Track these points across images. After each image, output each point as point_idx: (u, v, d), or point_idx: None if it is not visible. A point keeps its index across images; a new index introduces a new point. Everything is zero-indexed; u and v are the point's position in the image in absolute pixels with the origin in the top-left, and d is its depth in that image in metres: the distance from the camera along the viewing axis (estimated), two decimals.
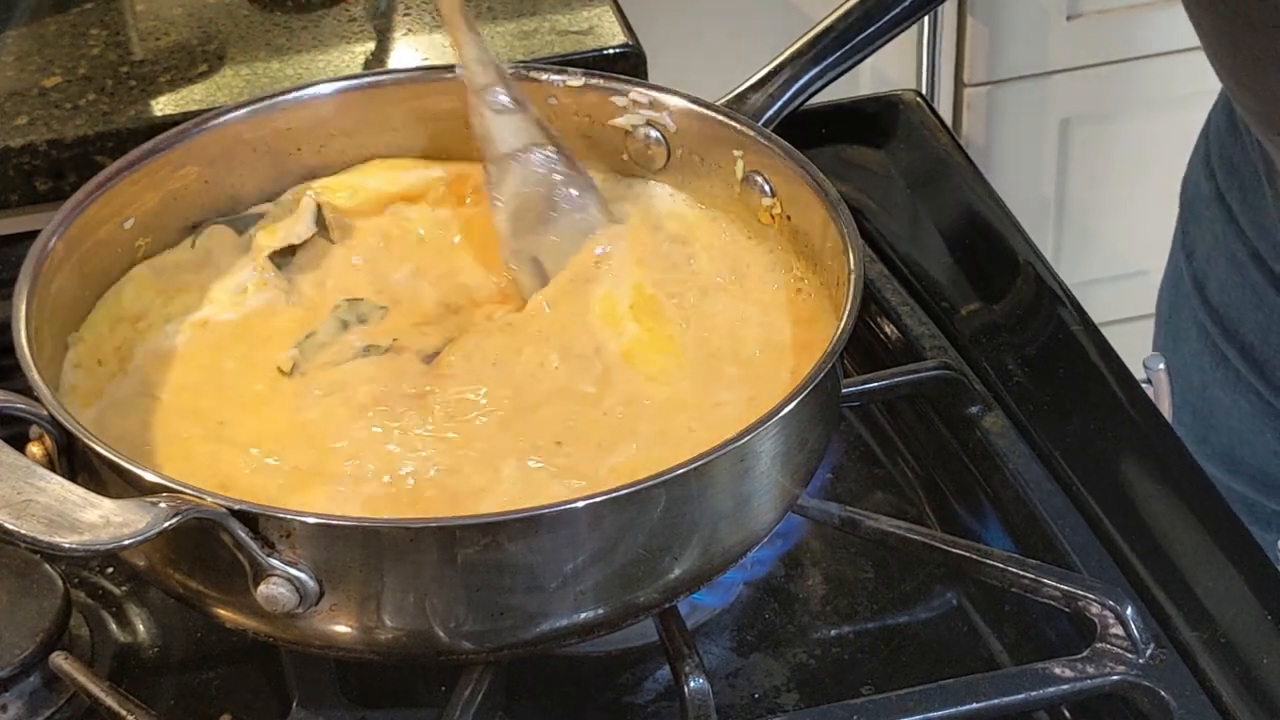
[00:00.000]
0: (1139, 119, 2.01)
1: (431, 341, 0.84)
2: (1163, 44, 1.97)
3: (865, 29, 0.93)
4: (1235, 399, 1.08)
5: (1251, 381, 1.06)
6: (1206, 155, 1.09)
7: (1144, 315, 1.98)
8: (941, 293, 0.97)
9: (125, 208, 0.85)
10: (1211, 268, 1.08)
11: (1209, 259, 1.08)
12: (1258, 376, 1.06)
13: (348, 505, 0.75)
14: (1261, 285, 1.04)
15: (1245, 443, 1.09)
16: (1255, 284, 1.04)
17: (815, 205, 0.83)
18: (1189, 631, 0.79)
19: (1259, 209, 1.03)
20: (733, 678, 0.82)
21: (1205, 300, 1.09)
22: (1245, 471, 1.09)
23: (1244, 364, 1.06)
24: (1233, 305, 1.06)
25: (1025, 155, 2.02)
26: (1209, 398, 1.09)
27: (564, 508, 0.70)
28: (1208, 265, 1.08)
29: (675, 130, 0.90)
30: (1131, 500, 0.85)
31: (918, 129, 1.09)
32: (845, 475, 0.92)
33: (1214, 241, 1.07)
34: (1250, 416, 1.08)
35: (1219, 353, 1.08)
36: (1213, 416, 1.10)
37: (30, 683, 0.78)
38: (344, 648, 0.72)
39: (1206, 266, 1.09)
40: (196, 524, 0.68)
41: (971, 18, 1.92)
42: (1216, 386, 1.09)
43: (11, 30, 1.17)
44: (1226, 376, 1.08)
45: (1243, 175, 1.04)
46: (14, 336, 0.76)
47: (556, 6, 1.17)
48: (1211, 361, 1.09)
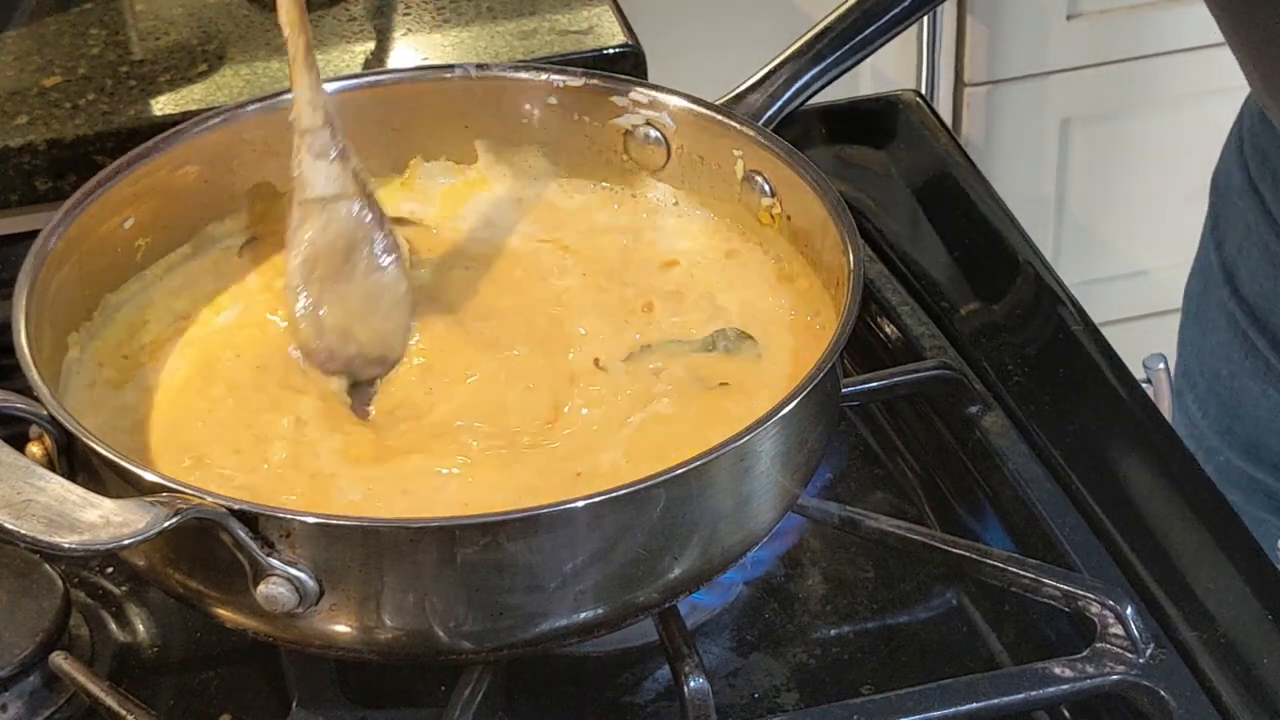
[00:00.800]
0: (1139, 119, 2.01)
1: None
2: (1163, 44, 1.97)
3: (865, 29, 0.93)
4: (1265, 389, 1.08)
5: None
6: (1240, 145, 1.09)
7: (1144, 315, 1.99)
8: (941, 293, 0.97)
9: (125, 208, 0.85)
10: (1242, 258, 1.08)
11: (1240, 249, 1.08)
12: None
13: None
14: None
15: (1273, 432, 1.09)
16: None
17: (815, 205, 0.83)
18: (1189, 631, 0.79)
19: None
20: (733, 678, 0.82)
21: (1235, 290, 1.09)
22: (1270, 460, 1.09)
23: (1274, 354, 1.06)
24: (1264, 295, 1.06)
25: (1025, 155, 2.01)
26: (1237, 388, 1.09)
27: (564, 507, 0.70)
28: (1239, 255, 1.09)
29: (675, 130, 0.90)
30: (1131, 500, 0.85)
31: (918, 129, 1.09)
32: (845, 475, 0.92)
33: (1246, 231, 1.08)
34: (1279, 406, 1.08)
35: (1249, 342, 1.08)
36: (1240, 406, 1.10)
37: (30, 683, 0.78)
38: (344, 648, 0.72)
39: (1237, 256, 1.09)
40: (196, 524, 0.68)
41: (971, 18, 1.91)
42: (1245, 376, 1.09)
43: (11, 30, 1.16)
44: (1256, 366, 1.08)
45: (1275, 165, 1.04)
46: (14, 336, 0.76)
47: (556, 6, 1.17)
48: (1241, 351, 1.09)
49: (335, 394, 0.82)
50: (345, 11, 1.18)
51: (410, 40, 1.17)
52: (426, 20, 1.18)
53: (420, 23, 1.18)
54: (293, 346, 0.83)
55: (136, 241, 0.86)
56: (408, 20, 1.18)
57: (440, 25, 1.17)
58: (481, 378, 0.82)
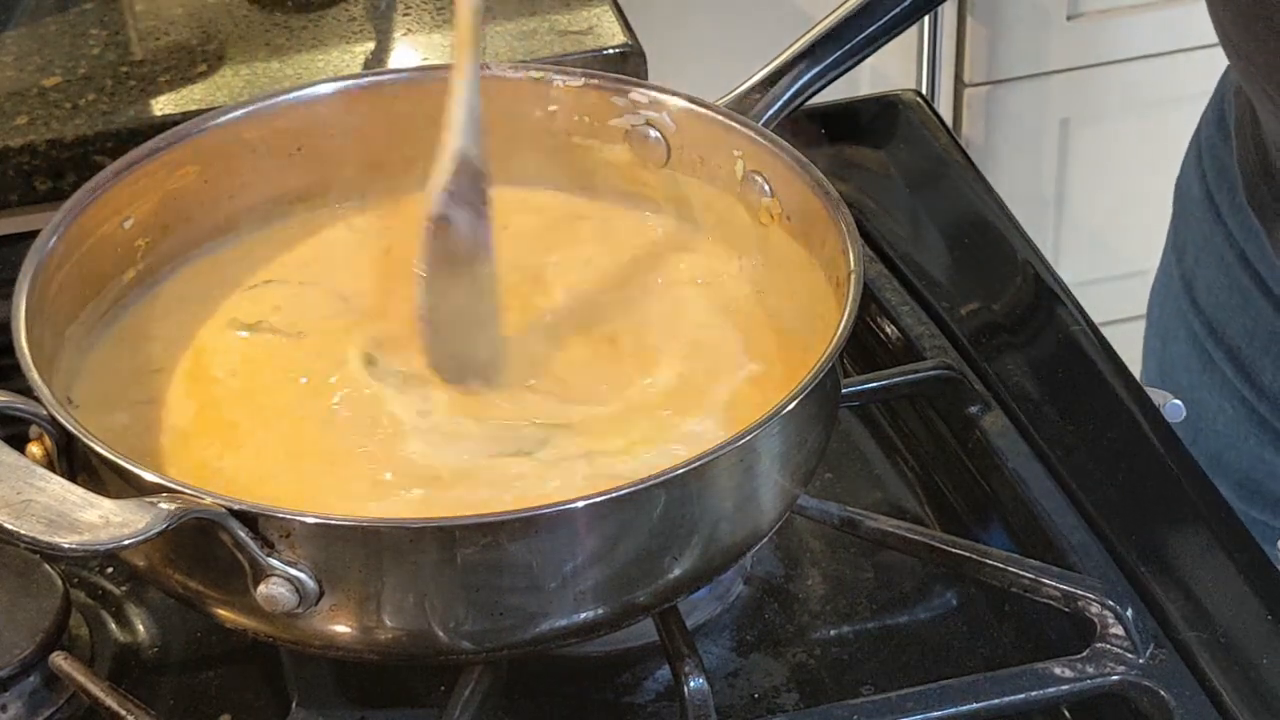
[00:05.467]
0: (1139, 119, 2.02)
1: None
2: (1162, 44, 1.98)
3: (865, 29, 0.93)
4: (1221, 402, 1.07)
5: (1237, 385, 1.06)
6: (1198, 156, 1.09)
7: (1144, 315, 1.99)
8: (941, 293, 0.97)
9: (125, 208, 0.85)
10: (1200, 269, 1.08)
11: (1198, 260, 1.08)
12: (1243, 380, 1.06)
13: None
14: (1248, 288, 1.04)
15: (1231, 446, 1.08)
16: (1242, 286, 1.04)
17: (815, 205, 0.83)
18: (1189, 631, 0.79)
19: (1247, 211, 1.03)
20: (733, 678, 0.82)
21: (1194, 301, 1.09)
22: (1230, 476, 1.08)
23: (1230, 366, 1.06)
24: (1220, 307, 1.06)
25: (1025, 155, 2.02)
26: (1196, 400, 1.09)
27: (564, 508, 0.70)
28: (1196, 266, 1.08)
29: (675, 130, 0.90)
30: (1131, 500, 0.85)
31: (918, 129, 1.09)
32: (845, 475, 0.92)
33: (1203, 243, 1.07)
34: (1235, 420, 1.07)
35: (1206, 355, 1.08)
36: (1200, 419, 1.09)
37: (30, 683, 0.78)
38: (344, 648, 0.72)
39: (1195, 268, 1.09)
40: (196, 524, 0.68)
41: (971, 18, 1.92)
42: (1204, 389, 1.09)
43: (11, 30, 1.17)
44: (1214, 379, 1.08)
45: (1231, 177, 1.04)
46: (14, 336, 0.76)
47: (556, 6, 1.17)
48: (1199, 363, 1.09)
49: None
50: (345, 11, 1.19)
51: (410, 40, 1.17)
52: (426, 20, 1.18)
53: (420, 23, 1.18)
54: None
55: (136, 241, 0.86)
56: (408, 20, 1.18)
57: (440, 25, 1.17)
58: None
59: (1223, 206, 1.05)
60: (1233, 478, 1.09)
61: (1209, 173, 1.07)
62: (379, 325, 0.86)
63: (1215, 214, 1.06)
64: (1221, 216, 1.05)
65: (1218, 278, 1.06)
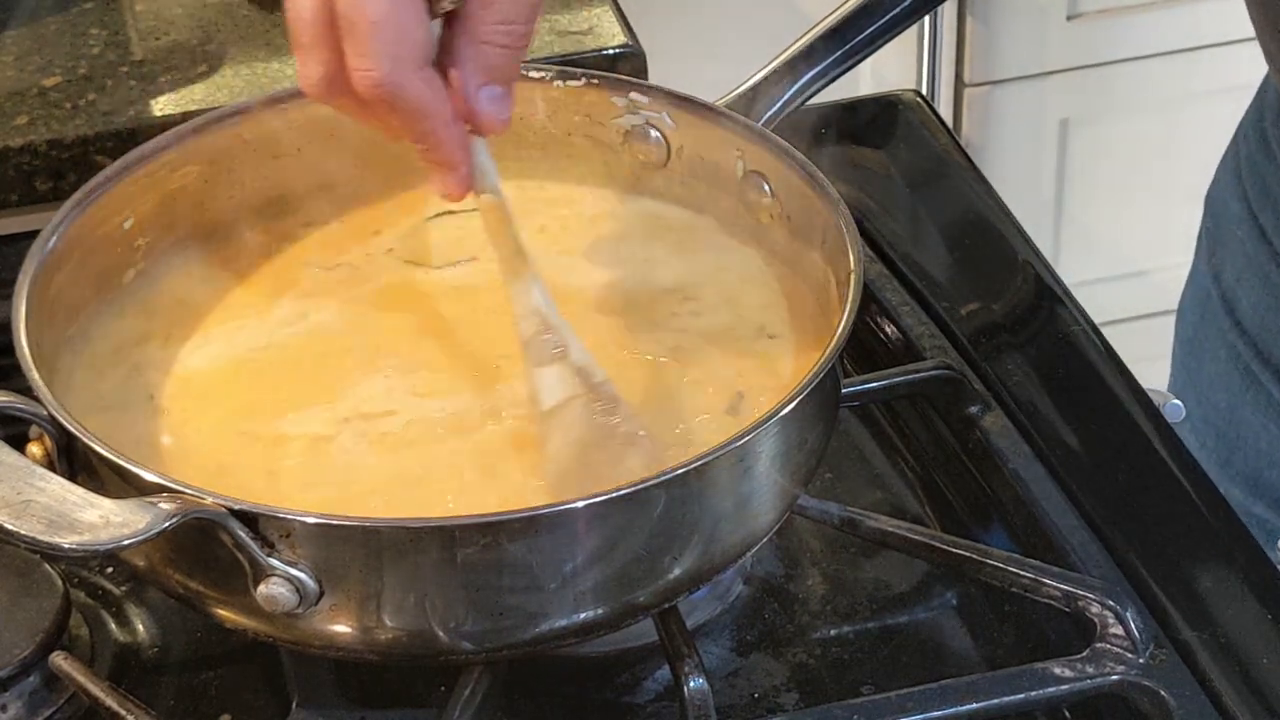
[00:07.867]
0: (1138, 119, 2.02)
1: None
2: (1162, 44, 1.98)
3: (865, 29, 0.93)
4: (1266, 422, 1.06)
5: None
6: (1237, 173, 1.07)
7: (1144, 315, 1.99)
8: (941, 293, 0.97)
9: (125, 208, 0.85)
10: (1242, 288, 1.07)
11: (1239, 279, 1.07)
12: None
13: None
14: None
15: (1273, 465, 1.07)
16: None
17: (815, 205, 0.83)
18: (1189, 631, 0.79)
19: None
20: (733, 678, 0.82)
21: (1237, 322, 1.07)
22: (1269, 495, 1.08)
23: (1277, 386, 1.05)
24: (1266, 327, 1.05)
25: (1024, 155, 2.02)
26: (1236, 419, 1.08)
27: (564, 507, 0.70)
28: (1238, 286, 1.07)
29: (675, 130, 0.90)
30: (1131, 500, 0.85)
31: (918, 129, 1.09)
32: (845, 475, 0.92)
33: (1245, 262, 1.06)
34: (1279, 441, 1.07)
35: (1250, 374, 1.07)
36: (1239, 439, 1.09)
37: (30, 683, 0.78)
38: (344, 648, 0.72)
39: (1237, 287, 1.07)
40: (196, 524, 0.68)
41: (971, 18, 1.92)
42: (1246, 408, 1.07)
43: (11, 30, 1.17)
44: (1257, 398, 1.07)
45: (1275, 194, 1.03)
46: (14, 336, 0.76)
47: (556, 6, 1.17)
48: (1242, 383, 1.07)
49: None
50: None
51: None
52: None
53: None
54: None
55: (136, 241, 0.86)
56: None
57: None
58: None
59: (1267, 225, 1.04)
60: (1271, 495, 1.08)
61: (1251, 192, 1.05)
62: (379, 326, 0.86)
63: (1260, 234, 1.04)
64: (1267, 236, 1.04)
65: (1264, 298, 1.04)
